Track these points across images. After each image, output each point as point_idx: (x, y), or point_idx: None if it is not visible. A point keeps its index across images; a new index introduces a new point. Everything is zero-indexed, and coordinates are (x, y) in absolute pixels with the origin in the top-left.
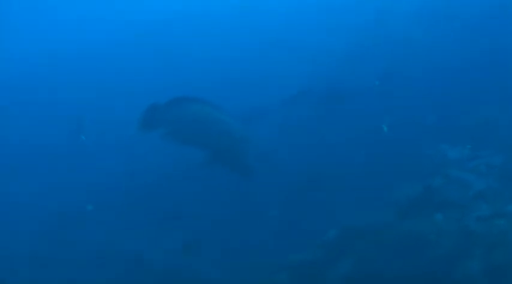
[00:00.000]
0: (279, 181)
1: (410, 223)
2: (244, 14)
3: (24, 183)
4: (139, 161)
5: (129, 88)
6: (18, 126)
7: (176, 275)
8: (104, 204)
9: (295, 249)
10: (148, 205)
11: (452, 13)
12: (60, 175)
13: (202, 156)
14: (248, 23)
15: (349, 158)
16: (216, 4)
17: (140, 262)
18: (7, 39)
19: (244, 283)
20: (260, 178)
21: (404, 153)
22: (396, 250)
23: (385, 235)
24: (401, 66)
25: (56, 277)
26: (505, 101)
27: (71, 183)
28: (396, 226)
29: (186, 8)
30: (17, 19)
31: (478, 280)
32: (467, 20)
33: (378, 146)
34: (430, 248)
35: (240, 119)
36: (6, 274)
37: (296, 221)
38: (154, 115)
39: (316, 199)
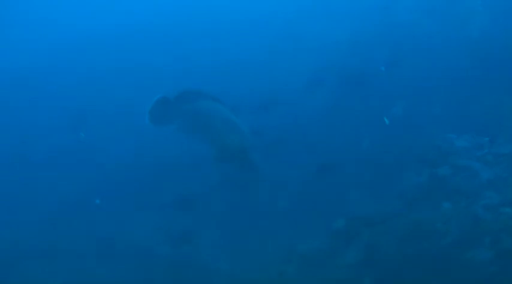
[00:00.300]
0: (288, 170)
1: (418, 212)
2: (250, 5)
3: (29, 175)
4: (145, 154)
5: (137, 78)
6: (22, 118)
7: (183, 265)
8: (110, 195)
9: (303, 239)
10: (155, 195)
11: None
12: (66, 167)
13: (210, 152)
14: (254, 15)
15: (356, 147)
16: None
17: (146, 252)
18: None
19: (251, 273)
20: (269, 168)
21: (411, 142)
22: (404, 239)
23: (393, 224)
24: (407, 54)
25: (60, 266)
26: None
27: (76, 175)
28: (404, 214)
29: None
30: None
31: (487, 267)
32: (474, 6)
33: (385, 135)
34: (438, 236)
35: (254, 109)
36: (12, 267)
37: (304, 210)
38: (164, 108)
39: (323, 189)
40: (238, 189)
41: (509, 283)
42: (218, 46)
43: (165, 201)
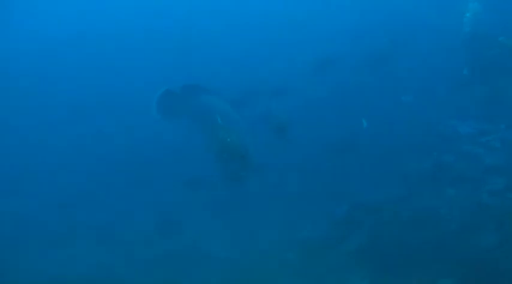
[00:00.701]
0: (292, 156)
1: (422, 198)
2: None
3: (35, 166)
4: (148, 145)
5: (142, 70)
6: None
7: (186, 254)
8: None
9: (305, 226)
10: (162, 180)
11: None
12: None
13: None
14: (260, 8)
15: (361, 134)
16: None
17: (147, 239)
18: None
19: (254, 261)
20: (274, 156)
21: (415, 129)
22: (408, 226)
23: (397, 211)
24: (407, 45)
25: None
26: None
27: (82, 164)
28: (408, 201)
29: None
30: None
31: (491, 253)
32: None
33: (389, 122)
34: (442, 222)
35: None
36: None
37: (307, 197)
38: (169, 101)
39: (327, 175)
40: (239, 181)
41: None
42: (224, 40)
43: (167, 187)
